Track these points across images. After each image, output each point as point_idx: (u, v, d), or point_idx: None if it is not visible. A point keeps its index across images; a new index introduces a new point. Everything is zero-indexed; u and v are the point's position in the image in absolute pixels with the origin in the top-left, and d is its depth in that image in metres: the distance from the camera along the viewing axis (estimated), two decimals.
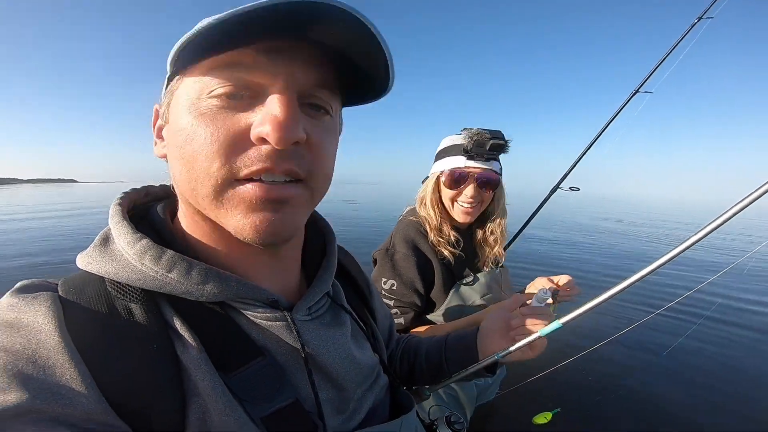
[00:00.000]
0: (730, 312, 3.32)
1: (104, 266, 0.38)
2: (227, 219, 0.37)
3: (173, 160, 0.38)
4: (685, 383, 2.27)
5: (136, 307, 0.36)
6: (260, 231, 0.37)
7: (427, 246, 1.15)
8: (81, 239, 6.73)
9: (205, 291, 0.38)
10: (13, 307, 0.34)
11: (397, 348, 0.79)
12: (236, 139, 0.35)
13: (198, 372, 0.36)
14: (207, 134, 0.35)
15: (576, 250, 6.73)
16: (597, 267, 5.39)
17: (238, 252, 0.42)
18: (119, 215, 0.41)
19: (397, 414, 0.51)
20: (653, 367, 2.42)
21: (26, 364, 0.30)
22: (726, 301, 3.43)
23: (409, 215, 1.25)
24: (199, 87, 0.35)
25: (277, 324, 0.41)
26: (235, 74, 0.35)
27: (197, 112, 0.35)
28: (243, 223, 0.36)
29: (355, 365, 0.48)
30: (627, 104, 1.97)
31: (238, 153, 0.35)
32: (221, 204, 0.36)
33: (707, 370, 2.41)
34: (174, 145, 0.38)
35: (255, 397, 0.38)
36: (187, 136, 0.36)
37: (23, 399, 0.29)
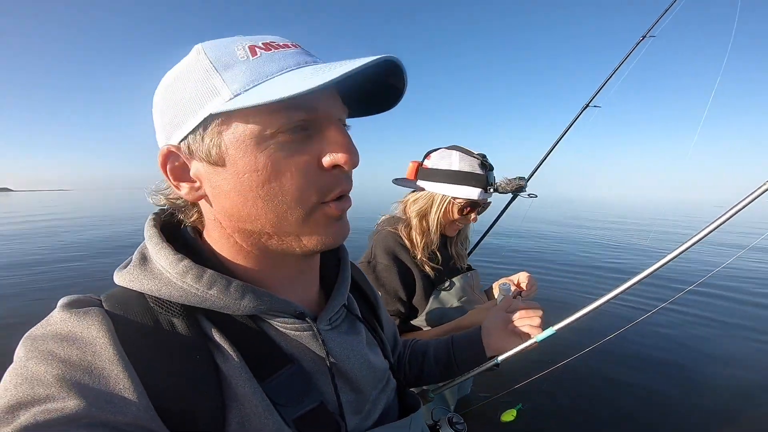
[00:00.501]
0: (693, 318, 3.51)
1: (146, 284, 0.41)
2: (309, 236, 0.43)
3: (243, 198, 0.40)
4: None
5: (177, 321, 0.40)
6: (337, 239, 0.44)
7: (407, 256, 1.21)
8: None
9: (241, 305, 0.42)
10: (66, 321, 0.36)
11: (404, 351, 0.84)
12: (316, 169, 0.40)
13: (239, 379, 0.39)
14: (292, 170, 0.39)
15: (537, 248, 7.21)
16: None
17: (272, 270, 0.46)
18: (158, 237, 0.44)
19: (406, 413, 0.56)
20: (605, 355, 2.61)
21: (83, 374, 0.33)
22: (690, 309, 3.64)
23: (386, 225, 1.28)
24: (259, 127, 0.38)
25: (305, 334, 0.46)
26: (297, 112, 0.38)
27: (270, 151, 0.38)
28: (324, 236, 0.43)
29: (370, 370, 0.52)
30: (579, 117, 2.13)
31: (321, 181, 0.41)
32: (307, 225, 0.42)
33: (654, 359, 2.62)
34: (246, 185, 0.39)
35: (287, 401, 0.41)
36: (270, 175, 0.39)
37: (80, 406, 0.31)
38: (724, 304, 3.86)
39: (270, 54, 0.39)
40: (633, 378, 2.44)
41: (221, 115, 0.38)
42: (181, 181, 0.42)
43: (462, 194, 1.16)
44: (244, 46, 0.39)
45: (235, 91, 0.36)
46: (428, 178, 1.22)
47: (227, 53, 0.39)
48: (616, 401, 2.22)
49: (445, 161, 1.19)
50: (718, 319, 3.43)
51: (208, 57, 0.39)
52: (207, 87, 0.37)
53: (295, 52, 0.40)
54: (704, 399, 2.25)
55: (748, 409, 2.17)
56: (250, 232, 0.42)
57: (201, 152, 0.39)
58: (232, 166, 0.39)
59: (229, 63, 0.38)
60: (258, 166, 0.38)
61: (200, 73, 0.38)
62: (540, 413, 2.03)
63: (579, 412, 2.11)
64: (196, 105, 0.38)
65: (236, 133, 0.38)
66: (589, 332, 0.93)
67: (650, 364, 2.64)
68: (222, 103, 0.37)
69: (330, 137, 0.40)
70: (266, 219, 0.40)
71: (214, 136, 0.38)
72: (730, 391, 2.33)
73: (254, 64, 0.38)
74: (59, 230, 9.96)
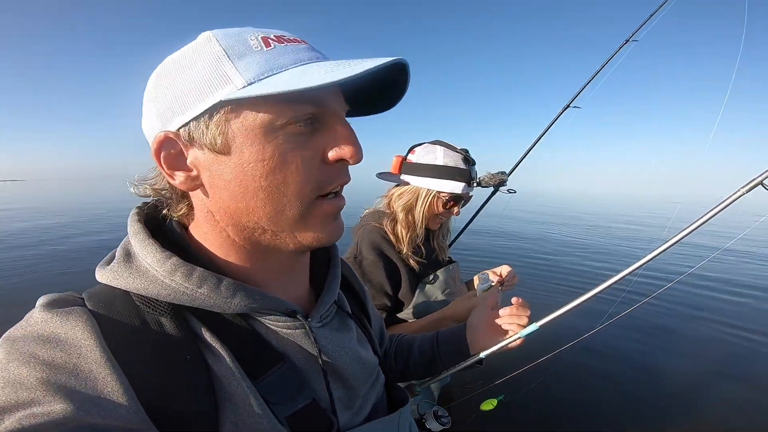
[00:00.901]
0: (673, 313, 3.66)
1: (132, 282, 0.39)
2: (306, 233, 0.43)
3: (244, 188, 0.39)
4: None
5: (166, 321, 0.39)
6: (332, 237, 0.45)
7: (392, 251, 1.23)
8: None
9: (232, 304, 0.41)
10: (47, 322, 0.35)
11: (390, 346, 0.85)
12: (320, 162, 0.41)
13: (232, 379, 0.39)
14: (298, 162, 0.39)
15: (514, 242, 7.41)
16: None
17: (263, 267, 0.46)
18: (143, 233, 0.42)
19: (394, 408, 0.57)
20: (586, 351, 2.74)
21: (69, 377, 0.32)
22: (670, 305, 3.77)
23: (370, 220, 1.30)
24: (270, 117, 0.37)
25: (296, 332, 0.46)
26: (307, 106, 0.39)
27: (278, 142, 0.38)
28: (321, 233, 0.43)
29: (361, 366, 0.52)
30: (559, 117, 2.19)
31: (324, 174, 0.41)
32: (303, 221, 0.42)
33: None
34: (249, 175, 0.39)
35: (280, 399, 0.41)
36: (275, 166, 0.38)
37: (67, 410, 0.30)
38: (695, 300, 4.04)
39: (284, 47, 0.39)
40: (614, 371, 2.57)
41: (231, 103, 0.37)
42: (176, 169, 0.41)
43: (447, 188, 1.19)
44: (257, 36, 0.39)
45: (249, 79, 0.36)
46: (413, 173, 1.24)
47: (240, 42, 0.38)
48: (597, 394, 2.34)
49: (430, 156, 1.21)
50: (694, 314, 3.64)
51: (220, 44, 0.38)
52: (218, 74, 0.37)
53: (306, 48, 0.41)
54: (671, 387, 2.41)
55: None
56: (244, 227, 0.42)
57: (204, 139, 0.38)
58: (238, 155, 0.38)
59: (243, 52, 0.38)
60: (265, 156, 0.38)
61: (210, 60, 0.37)
62: (521, 406, 2.10)
63: (562, 405, 2.22)
64: (204, 91, 0.37)
65: (246, 122, 0.37)
66: (572, 328, 0.98)
67: (628, 357, 2.79)
68: (234, 91, 0.36)
69: (337, 131, 0.41)
70: (264, 212, 0.40)
71: (221, 124, 0.37)
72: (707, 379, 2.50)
73: (269, 55, 0.38)
74: None
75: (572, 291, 4.11)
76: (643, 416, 2.14)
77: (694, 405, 2.26)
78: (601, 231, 9.92)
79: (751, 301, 4.11)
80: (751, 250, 6.91)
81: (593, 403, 2.25)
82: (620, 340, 2.98)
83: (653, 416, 2.14)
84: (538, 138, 2.19)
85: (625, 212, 17.81)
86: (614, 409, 2.22)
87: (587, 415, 2.15)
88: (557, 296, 3.98)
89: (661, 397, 2.31)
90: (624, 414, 2.16)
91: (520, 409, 2.06)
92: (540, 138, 2.19)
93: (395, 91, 0.45)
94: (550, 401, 2.21)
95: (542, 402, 2.16)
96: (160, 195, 0.46)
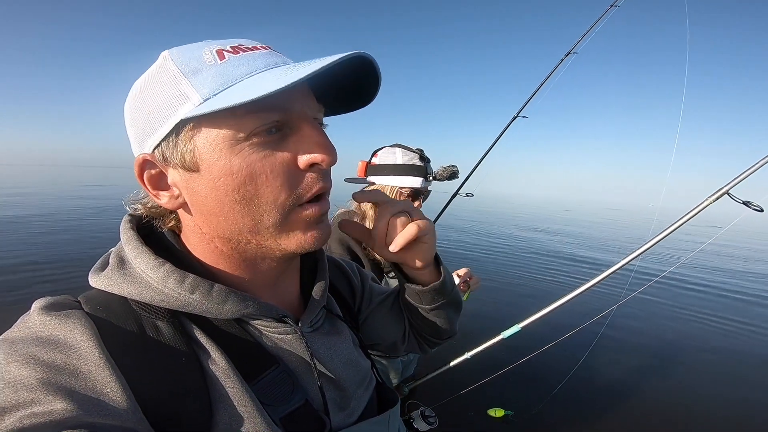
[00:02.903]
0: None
1: (126, 288, 0.40)
2: (289, 240, 0.42)
3: (220, 202, 0.40)
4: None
5: (162, 324, 0.40)
6: (318, 241, 0.44)
7: (358, 247, 1.34)
8: None
9: (224, 309, 0.41)
10: (46, 325, 0.36)
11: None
12: (291, 170, 0.40)
13: (227, 380, 0.40)
14: (267, 172, 0.38)
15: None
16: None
17: (252, 274, 0.46)
18: (136, 240, 0.42)
19: (385, 408, 0.57)
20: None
21: (68, 378, 0.33)
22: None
23: (339, 219, 1.34)
24: (232, 131, 0.37)
25: (289, 337, 0.47)
26: (270, 113, 0.38)
27: (244, 154, 0.38)
28: (305, 238, 0.43)
29: (353, 368, 0.54)
30: (509, 126, 2.35)
31: (297, 182, 0.40)
32: (285, 229, 0.41)
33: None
34: (221, 189, 0.39)
35: (273, 400, 0.42)
36: (245, 178, 0.38)
37: (67, 410, 0.30)
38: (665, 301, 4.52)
39: (238, 57, 0.39)
40: (593, 372, 2.74)
41: (192, 120, 0.37)
42: (160, 189, 0.42)
43: (407, 183, 1.34)
44: (212, 50, 0.39)
45: (204, 95, 0.36)
46: (377, 173, 1.39)
47: (194, 58, 0.38)
48: (569, 395, 2.39)
49: (391, 157, 1.37)
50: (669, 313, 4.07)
51: (175, 63, 0.38)
52: (176, 93, 0.37)
53: (265, 54, 0.40)
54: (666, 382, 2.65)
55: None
56: (228, 239, 0.42)
57: (175, 159, 0.39)
58: (207, 171, 0.38)
59: (197, 68, 0.38)
60: (233, 170, 0.38)
61: (168, 80, 0.38)
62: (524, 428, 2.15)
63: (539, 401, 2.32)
64: (166, 112, 0.38)
65: (209, 138, 0.38)
66: (554, 328, 1.03)
67: (609, 357, 3.00)
68: (192, 108, 0.36)
69: (305, 136, 0.40)
70: (243, 224, 0.40)
71: (186, 142, 0.38)
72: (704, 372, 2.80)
73: (222, 68, 0.38)
74: None
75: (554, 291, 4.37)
76: None
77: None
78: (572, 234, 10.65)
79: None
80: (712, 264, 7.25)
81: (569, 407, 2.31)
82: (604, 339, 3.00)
83: None
84: (491, 146, 2.32)
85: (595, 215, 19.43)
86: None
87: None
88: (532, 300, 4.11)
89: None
90: None
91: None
92: (492, 146, 2.33)
93: (371, 86, 0.44)
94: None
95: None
96: (152, 212, 0.47)
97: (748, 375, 2.97)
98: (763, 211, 0.95)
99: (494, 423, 1.58)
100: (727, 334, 3.75)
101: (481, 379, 1.05)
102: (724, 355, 3.29)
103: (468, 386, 1.10)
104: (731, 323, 4.03)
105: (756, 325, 4.00)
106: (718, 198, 0.76)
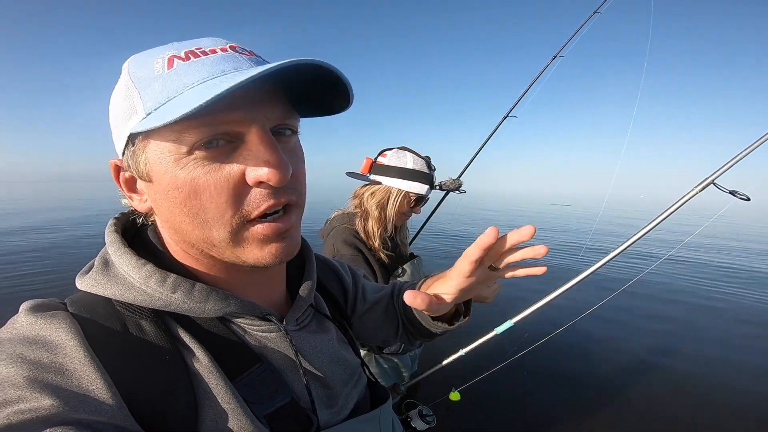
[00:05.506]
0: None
1: (110, 289, 0.41)
2: (245, 254, 0.41)
3: (172, 213, 0.39)
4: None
5: (146, 324, 0.40)
6: (277, 257, 0.42)
7: (365, 248, 1.35)
8: None
9: (206, 308, 0.42)
10: (32, 325, 0.36)
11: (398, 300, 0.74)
12: (237, 186, 0.38)
13: (211, 378, 0.40)
14: (210, 188, 0.37)
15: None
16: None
17: (232, 275, 0.46)
18: (119, 242, 0.43)
19: (377, 406, 0.57)
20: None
21: (55, 376, 0.33)
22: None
23: (340, 222, 1.39)
24: (175, 144, 0.36)
25: (273, 335, 0.47)
26: (212, 126, 0.35)
27: (189, 168, 0.36)
28: (261, 254, 0.41)
29: (340, 366, 0.54)
30: (500, 125, 2.37)
31: (243, 198, 0.38)
32: (238, 243, 0.40)
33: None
34: (172, 202, 0.38)
35: (257, 398, 0.42)
36: (189, 193, 0.37)
37: (54, 406, 0.31)
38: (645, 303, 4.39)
39: (187, 65, 0.36)
40: (585, 367, 2.74)
41: (140, 134, 0.37)
42: (133, 192, 0.43)
43: (414, 189, 1.35)
44: (164, 57, 0.37)
45: (147, 109, 0.36)
46: (384, 174, 1.37)
47: (146, 67, 0.37)
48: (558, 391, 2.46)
49: (401, 160, 1.36)
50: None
51: (129, 72, 0.38)
52: (128, 105, 0.37)
53: (218, 58, 0.37)
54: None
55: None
56: (192, 244, 0.42)
57: (134, 168, 0.40)
58: (158, 183, 0.38)
59: (146, 78, 0.37)
60: (178, 183, 0.37)
61: (123, 91, 0.38)
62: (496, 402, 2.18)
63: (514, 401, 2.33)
64: (122, 123, 0.38)
65: (156, 151, 0.37)
66: (545, 324, 1.04)
67: (596, 353, 3.00)
68: (137, 122, 0.36)
69: (253, 150, 0.37)
70: (195, 236, 0.40)
71: (140, 153, 0.38)
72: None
73: (167, 79, 0.36)
74: None
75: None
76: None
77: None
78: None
79: None
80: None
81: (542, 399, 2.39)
82: (595, 335, 3.14)
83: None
84: (483, 144, 2.37)
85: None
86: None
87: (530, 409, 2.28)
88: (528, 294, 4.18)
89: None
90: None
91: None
92: (484, 144, 2.37)
93: (341, 92, 0.40)
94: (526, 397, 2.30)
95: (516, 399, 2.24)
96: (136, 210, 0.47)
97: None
98: (749, 200, 0.96)
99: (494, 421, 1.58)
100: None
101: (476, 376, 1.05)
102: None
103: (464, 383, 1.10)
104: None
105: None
106: (705, 188, 0.77)
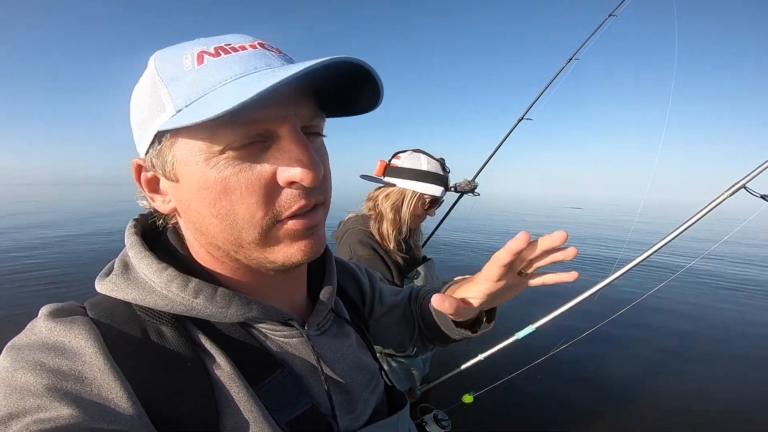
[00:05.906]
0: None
1: (130, 293, 0.40)
2: (274, 254, 0.40)
3: (200, 214, 0.38)
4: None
5: (166, 329, 0.39)
6: (306, 253, 0.41)
7: (380, 249, 1.35)
8: None
9: (228, 313, 0.41)
10: (52, 331, 0.35)
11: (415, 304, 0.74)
12: (269, 187, 0.37)
13: (232, 385, 0.39)
14: (242, 188, 0.36)
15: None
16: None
17: (256, 278, 0.45)
18: (139, 245, 0.42)
19: (394, 411, 0.56)
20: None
21: (74, 384, 0.33)
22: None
23: (354, 224, 1.39)
24: (207, 143, 0.35)
25: (295, 340, 0.46)
26: (248, 125, 0.35)
27: (220, 168, 0.35)
28: (290, 251, 0.40)
29: (360, 372, 0.53)
30: (515, 128, 2.35)
31: (275, 198, 0.37)
32: (267, 244, 0.39)
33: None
34: (201, 202, 0.37)
35: (279, 405, 0.42)
36: (219, 193, 0.36)
37: (73, 416, 0.30)
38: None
39: (217, 61, 0.35)
40: (608, 374, 2.78)
41: (168, 132, 0.36)
42: (156, 193, 0.42)
43: (429, 191, 1.34)
44: (193, 53, 0.36)
45: (177, 106, 0.34)
46: (398, 176, 1.36)
47: (174, 63, 0.36)
48: (583, 393, 2.51)
49: (416, 162, 1.35)
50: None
51: (156, 67, 0.37)
52: (156, 102, 0.36)
53: (249, 55, 0.36)
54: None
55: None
56: (218, 247, 0.41)
57: (159, 167, 0.39)
58: (187, 183, 0.37)
59: (176, 74, 0.36)
60: (208, 184, 0.36)
61: (150, 87, 0.37)
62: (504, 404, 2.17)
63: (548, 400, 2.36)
64: (148, 120, 0.37)
65: (185, 150, 0.36)
66: (567, 329, 1.02)
67: (617, 359, 3.03)
68: (166, 120, 0.35)
69: (286, 150, 0.36)
70: (223, 237, 0.39)
71: (167, 152, 0.37)
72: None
73: (198, 75, 0.35)
74: None
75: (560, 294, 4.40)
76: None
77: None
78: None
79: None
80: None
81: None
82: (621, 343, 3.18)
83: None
84: (498, 146, 2.34)
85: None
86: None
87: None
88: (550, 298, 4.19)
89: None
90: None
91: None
92: (499, 147, 2.34)
93: (372, 90, 0.39)
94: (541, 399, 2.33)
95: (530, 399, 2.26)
96: (156, 211, 0.46)
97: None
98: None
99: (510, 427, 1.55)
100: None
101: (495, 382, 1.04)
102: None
103: (482, 388, 1.08)
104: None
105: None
106: (735, 192, 0.75)
